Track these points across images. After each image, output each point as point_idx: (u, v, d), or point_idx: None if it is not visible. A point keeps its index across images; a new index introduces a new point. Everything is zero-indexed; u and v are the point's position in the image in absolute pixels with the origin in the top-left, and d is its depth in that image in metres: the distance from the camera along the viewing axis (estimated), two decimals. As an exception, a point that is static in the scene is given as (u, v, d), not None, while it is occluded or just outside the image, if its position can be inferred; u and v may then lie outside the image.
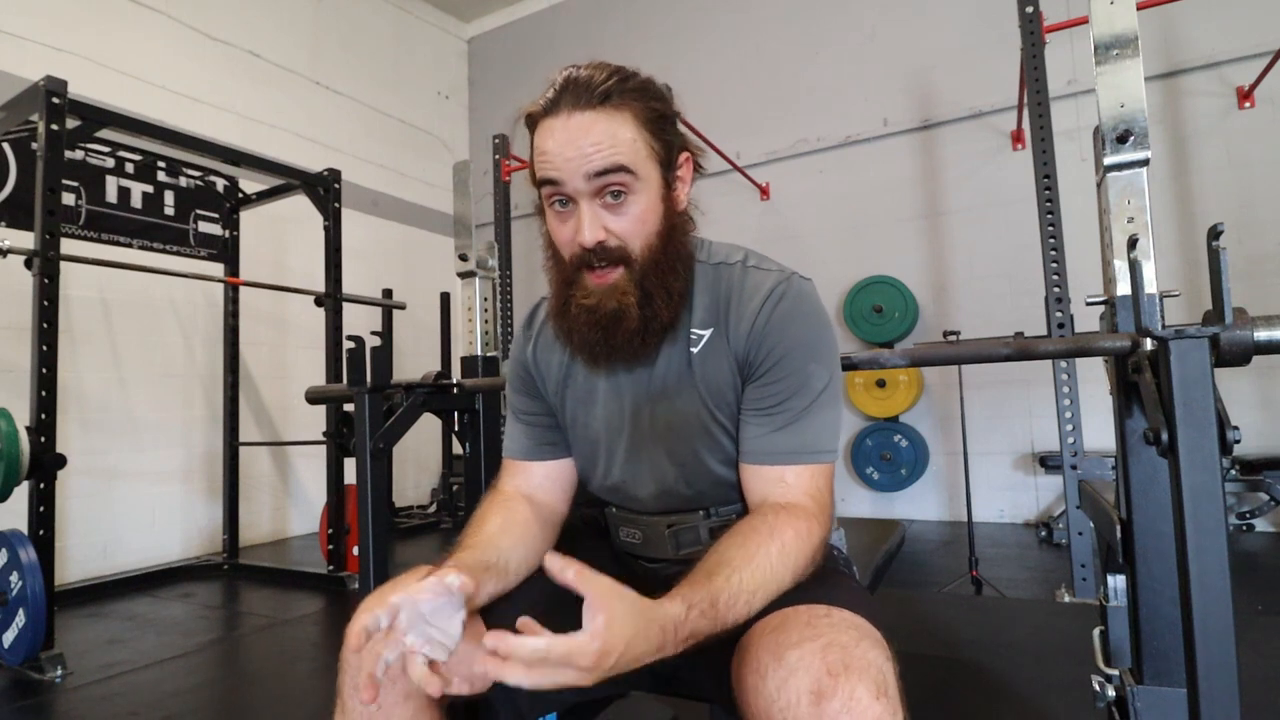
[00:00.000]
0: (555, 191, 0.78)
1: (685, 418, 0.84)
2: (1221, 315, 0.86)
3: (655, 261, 0.80)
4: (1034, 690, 1.67)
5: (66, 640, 2.33)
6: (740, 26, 4.81)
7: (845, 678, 0.58)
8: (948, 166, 4.17)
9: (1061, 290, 2.40)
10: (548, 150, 0.77)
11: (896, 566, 2.97)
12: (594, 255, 0.78)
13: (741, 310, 0.82)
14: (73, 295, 3.32)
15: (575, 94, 0.76)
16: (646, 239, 0.80)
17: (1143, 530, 1.02)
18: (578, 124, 0.76)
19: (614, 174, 0.76)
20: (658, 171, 0.80)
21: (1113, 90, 1.09)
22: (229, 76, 4.24)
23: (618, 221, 0.78)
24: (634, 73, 0.81)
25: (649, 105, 0.79)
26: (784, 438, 0.80)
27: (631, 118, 0.77)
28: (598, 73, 0.78)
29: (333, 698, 0.79)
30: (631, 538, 0.94)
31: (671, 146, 0.82)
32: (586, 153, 0.75)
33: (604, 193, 0.77)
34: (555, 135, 0.77)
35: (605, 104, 0.76)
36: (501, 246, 3.91)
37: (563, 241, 0.81)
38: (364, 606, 0.65)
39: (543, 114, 0.79)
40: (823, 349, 0.82)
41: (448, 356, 4.87)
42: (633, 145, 0.77)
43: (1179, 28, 3.60)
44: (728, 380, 0.83)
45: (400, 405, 1.54)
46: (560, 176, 0.77)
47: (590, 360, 0.86)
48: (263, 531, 4.14)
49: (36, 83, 2.28)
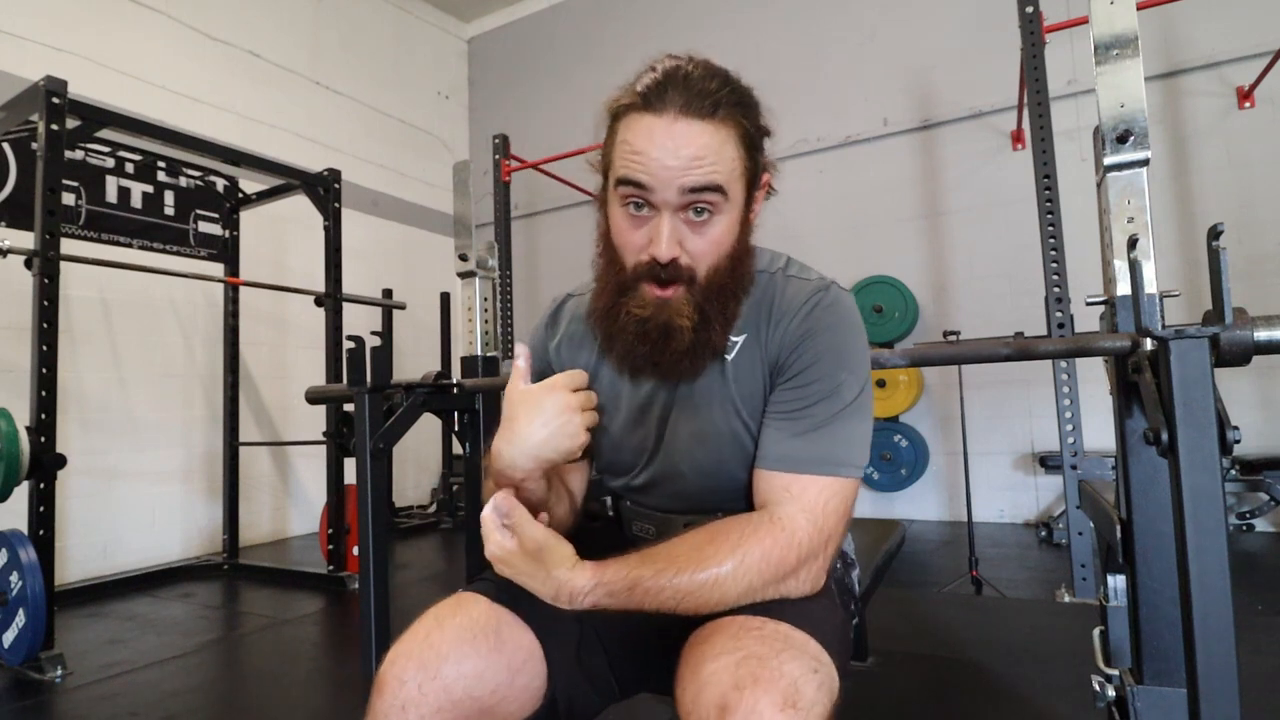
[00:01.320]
0: (637, 194, 0.73)
1: (716, 428, 0.82)
2: (1221, 315, 0.86)
3: (720, 286, 0.77)
4: (1034, 690, 1.67)
5: (66, 640, 2.33)
6: (740, 26, 4.81)
7: (751, 690, 0.57)
8: (948, 166, 4.17)
9: (1061, 290, 2.40)
10: (641, 151, 0.72)
11: (896, 566, 2.97)
12: (661, 270, 0.74)
13: (778, 317, 0.80)
14: (73, 295, 3.32)
15: (685, 96, 0.71)
16: (717, 261, 0.76)
17: (1143, 530, 1.02)
18: (684, 132, 0.71)
19: (708, 193, 0.72)
20: (744, 192, 0.77)
21: (1113, 90, 1.09)
22: (229, 76, 4.24)
23: (695, 241, 0.74)
24: (739, 81, 0.77)
25: (751, 122, 0.76)
26: (801, 444, 0.75)
27: (735, 135, 0.74)
28: (708, 79, 0.73)
29: (332, 699, 0.79)
30: (645, 532, 0.93)
31: (759, 165, 0.78)
32: (687, 166, 0.71)
33: (689, 208, 0.73)
34: (655, 137, 0.71)
35: (714, 116, 0.72)
36: (501, 246, 3.91)
37: (630, 245, 0.76)
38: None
39: (643, 106, 0.73)
40: (856, 359, 0.78)
41: (448, 356, 4.88)
42: (731, 164, 0.73)
43: (1179, 28, 3.60)
44: (759, 387, 0.80)
45: (400, 405, 1.54)
46: (651, 183, 0.72)
47: (630, 371, 0.83)
48: (263, 531, 4.14)
49: (36, 83, 2.28)
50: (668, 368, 0.79)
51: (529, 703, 0.75)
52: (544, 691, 0.76)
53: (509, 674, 0.72)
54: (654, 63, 0.75)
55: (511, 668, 0.73)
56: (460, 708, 0.69)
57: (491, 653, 0.72)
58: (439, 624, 0.73)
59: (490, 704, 0.71)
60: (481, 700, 0.70)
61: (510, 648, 0.74)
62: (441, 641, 0.71)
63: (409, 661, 0.70)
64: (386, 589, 1.50)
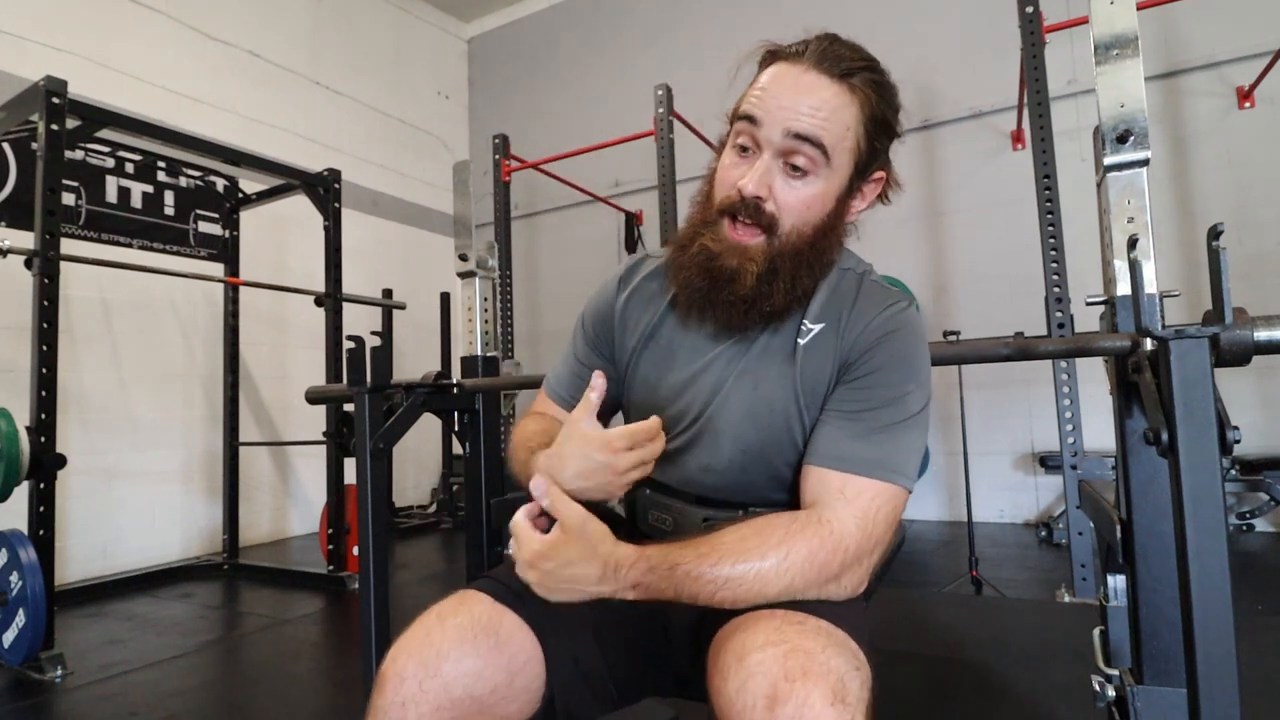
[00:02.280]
0: (747, 130, 0.76)
1: (772, 408, 0.80)
2: (1221, 315, 0.86)
3: (797, 249, 0.77)
4: (1034, 690, 1.67)
5: (66, 640, 2.33)
6: (740, 26, 4.81)
7: (801, 683, 0.57)
8: (948, 166, 4.17)
9: (1061, 290, 2.40)
10: (765, 87, 0.76)
11: (896, 566, 2.96)
12: (744, 208, 0.76)
13: (858, 314, 0.80)
14: (73, 295, 3.32)
15: (823, 54, 0.76)
16: (802, 222, 0.77)
17: (1143, 530, 1.02)
18: (809, 82, 0.75)
19: (810, 144, 0.74)
20: (850, 169, 0.78)
21: (1113, 90, 1.09)
22: (229, 76, 4.24)
23: (785, 192, 0.76)
24: (885, 72, 0.80)
25: (880, 104, 0.78)
26: (862, 446, 0.74)
27: (858, 107, 0.76)
28: (852, 51, 0.77)
29: (332, 699, 0.79)
30: (662, 523, 0.91)
31: (876, 155, 0.80)
32: (800, 110, 0.74)
33: (790, 157, 0.75)
34: (782, 79, 0.76)
35: (844, 79, 0.75)
36: (501, 246, 3.91)
37: (725, 181, 0.79)
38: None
39: (784, 57, 0.78)
40: (924, 374, 0.79)
41: (448, 356, 4.87)
42: (844, 131, 0.75)
43: (1179, 28, 3.60)
44: (826, 379, 0.80)
45: (400, 405, 1.54)
46: (762, 117, 0.75)
47: (685, 307, 0.84)
48: (263, 531, 4.14)
49: (36, 83, 2.28)
50: (723, 311, 0.79)
51: (527, 704, 0.74)
52: (542, 694, 0.75)
53: (508, 675, 0.72)
54: (816, 32, 0.80)
55: (511, 669, 0.73)
56: (459, 706, 0.69)
57: (491, 652, 0.72)
58: (440, 622, 0.73)
59: (489, 703, 0.71)
60: (481, 699, 0.70)
61: (511, 648, 0.73)
62: (442, 639, 0.71)
63: (410, 659, 0.70)
64: (386, 589, 1.50)
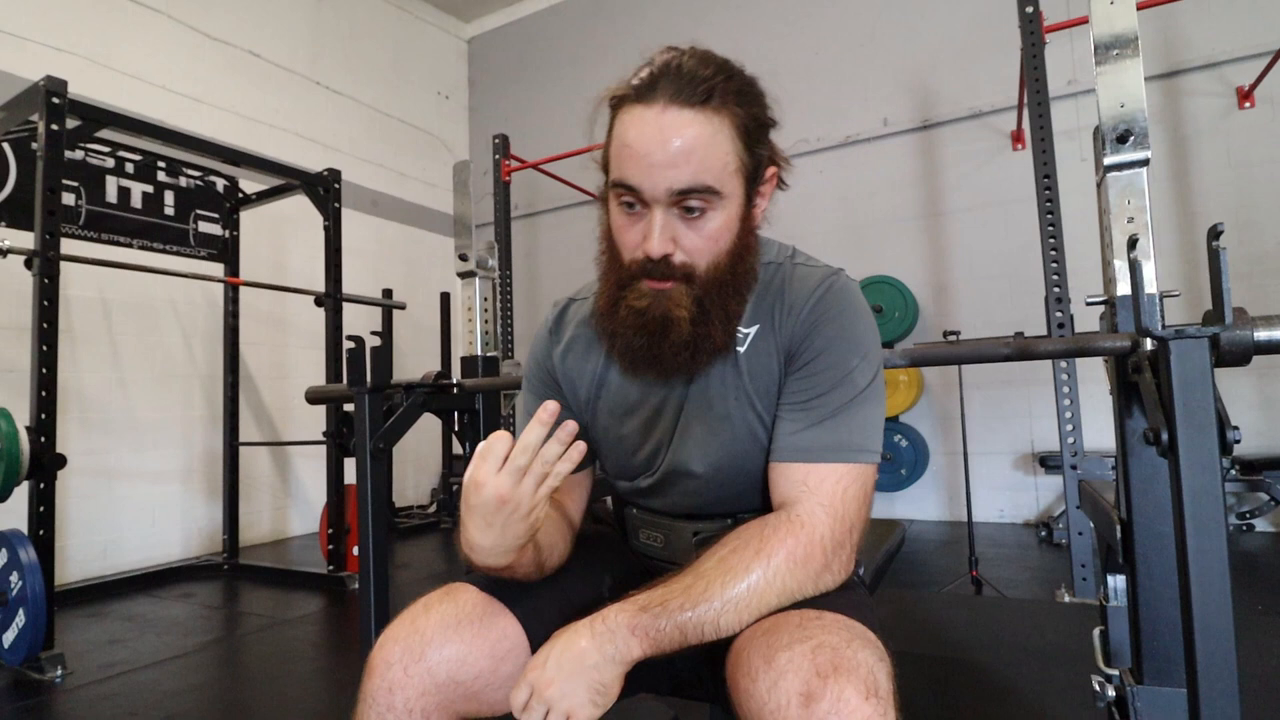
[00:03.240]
0: (629, 194, 0.73)
1: (731, 422, 0.80)
2: (1221, 315, 0.86)
3: (719, 282, 0.75)
4: (1034, 690, 1.67)
5: (66, 640, 2.33)
6: (740, 26, 4.81)
7: (834, 679, 0.57)
8: (948, 166, 4.17)
9: (1061, 290, 2.40)
10: (631, 144, 0.70)
11: (896, 566, 2.97)
12: (656, 265, 0.73)
13: (789, 305, 0.79)
14: (73, 295, 3.32)
15: (675, 84, 0.69)
16: (715, 257, 0.75)
17: (1143, 530, 1.02)
18: (671, 122, 0.69)
19: (697, 194, 0.71)
20: (742, 188, 0.75)
21: (1113, 90, 1.09)
22: (229, 76, 4.24)
23: (689, 237, 0.73)
24: (739, 69, 0.74)
25: (749, 111, 0.73)
26: (816, 434, 0.74)
27: (730, 126, 0.71)
28: (702, 65, 0.71)
29: (332, 699, 0.80)
30: (653, 540, 0.91)
31: (760, 160, 0.76)
32: (674, 160, 0.69)
33: (682, 204, 0.72)
34: (645, 129, 0.70)
35: (706, 105, 0.69)
36: (501, 246, 3.91)
37: (627, 244, 0.76)
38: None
39: (635, 98, 0.71)
40: (866, 345, 0.78)
41: (448, 356, 4.88)
42: (723, 161, 0.71)
43: (1179, 28, 3.60)
44: (774, 377, 0.79)
45: (400, 405, 1.54)
46: (640, 183, 0.71)
47: (630, 367, 0.81)
48: (263, 531, 4.14)
49: (36, 83, 2.28)
50: (668, 361, 0.77)
51: None
52: None
53: (492, 661, 0.73)
54: (653, 55, 0.74)
55: (495, 655, 0.73)
56: (444, 690, 0.70)
57: (475, 638, 0.73)
58: (426, 610, 0.75)
59: (475, 689, 0.72)
60: (466, 685, 0.71)
61: (494, 635, 0.74)
62: (427, 626, 0.73)
63: (395, 645, 0.72)
64: (386, 589, 1.50)
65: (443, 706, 0.71)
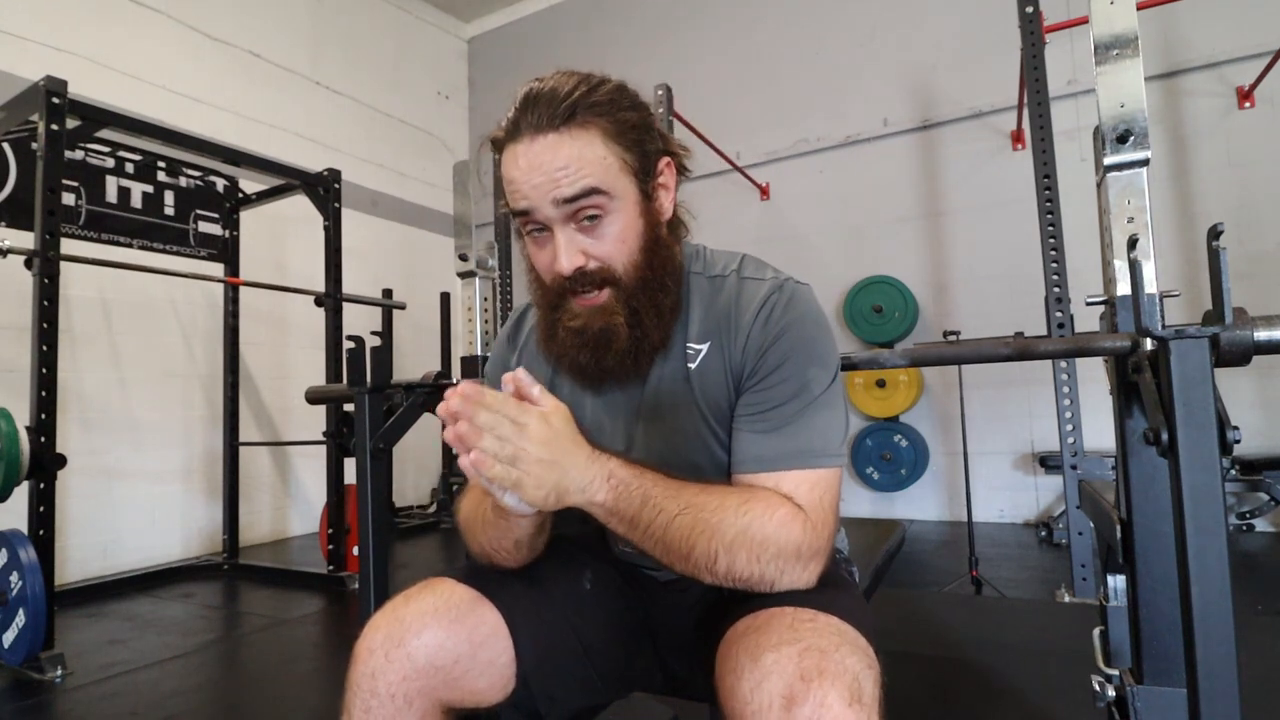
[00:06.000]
0: (528, 220, 0.76)
1: (684, 434, 0.81)
2: (1221, 315, 0.86)
3: (642, 279, 0.77)
4: (1034, 690, 1.67)
5: (66, 640, 2.33)
6: (740, 26, 4.81)
7: (818, 683, 0.57)
8: (948, 166, 4.17)
9: (1061, 290, 2.40)
10: (514, 179, 0.74)
11: (896, 566, 2.97)
12: (576, 282, 0.76)
13: (738, 321, 0.79)
14: (73, 295, 3.32)
15: (536, 114, 0.73)
16: (630, 257, 0.77)
17: (1143, 530, 1.02)
18: (541, 149, 0.72)
19: (585, 198, 0.72)
20: (634, 185, 0.76)
21: (1113, 90, 1.09)
22: (229, 76, 4.24)
23: (597, 245, 0.75)
24: (601, 81, 0.76)
25: (618, 117, 0.75)
26: (779, 441, 0.75)
27: (599, 134, 0.73)
28: (561, 85, 0.74)
29: (332, 698, 0.81)
30: (629, 547, 0.91)
31: (648, 155, 0.78)
32: (554, 178, 0.72)
33: (578, 216, 0.74)
34: (519, 162, 0.73)
35: (569, 123, 0.72)
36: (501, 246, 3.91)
37: (543, 268, 0.79)
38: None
39: (506, 139, 0.75)
40: (822, 352, 0.78)
41: (448, 356, 4.87)
42: (603, 164, 0.73)
43: (1179, 28, 3.60)
44: (725, 395, 0.80)
45: (400, 405, 1.54)
46: (530, 205, 0.74)
47: (582, 383, 0.84)
48: (263, 531, 4.14)
49: (36, 83, 2.28)
50: (615, 370, 0.80)
51: (498, 680, 0.76)
52: (514, 670, 0.77)
53: (470, 646, 0.74)
54: (515, 93, 0.77)
55: (473, 640, 0.75)
56: (424, 675, 0.72)
57: (453, 625, 0.75)
58: (406, 601, 0.77)
59: (454, 675, 0.73)
60: (445, 669, 0.73)
61: (472, 621, 0.76)
62: (407, 614, 0.75)
63: (377, 633, 0.74)
64: (386, 589, 1.50)
65: (424, 692, 0.72)
